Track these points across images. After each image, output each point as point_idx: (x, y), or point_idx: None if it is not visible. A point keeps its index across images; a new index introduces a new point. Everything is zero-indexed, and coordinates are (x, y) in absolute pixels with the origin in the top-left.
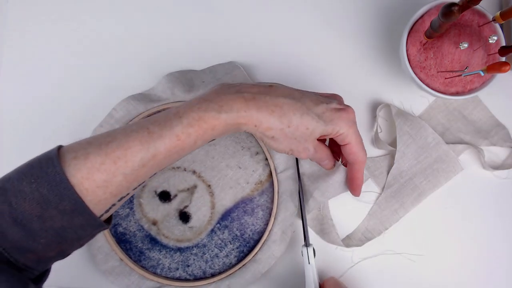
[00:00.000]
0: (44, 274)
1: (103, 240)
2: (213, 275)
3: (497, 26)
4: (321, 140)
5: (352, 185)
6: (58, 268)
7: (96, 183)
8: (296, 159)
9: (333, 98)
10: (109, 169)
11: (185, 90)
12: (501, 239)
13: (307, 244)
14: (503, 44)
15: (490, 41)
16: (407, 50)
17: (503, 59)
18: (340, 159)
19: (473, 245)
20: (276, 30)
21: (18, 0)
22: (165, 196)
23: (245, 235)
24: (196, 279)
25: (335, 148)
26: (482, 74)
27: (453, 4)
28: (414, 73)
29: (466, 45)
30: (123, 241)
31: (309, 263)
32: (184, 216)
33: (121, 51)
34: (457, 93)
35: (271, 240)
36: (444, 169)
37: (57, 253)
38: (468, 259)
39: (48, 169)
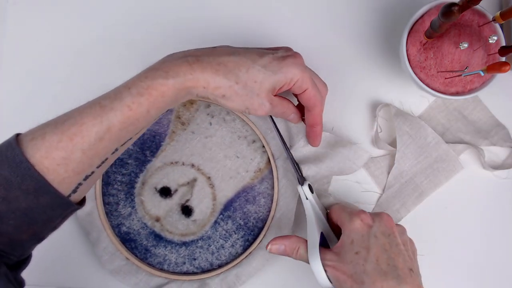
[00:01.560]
0: (23, 262)
1: (107, 241)
2: (220, 266)
3: (497, 26)
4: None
5: (312, 133)
6: (65, 269)
7: (55, 161)
8: (271, 117)
9: (280, 49)
10: (66, 146)
11: None
12: (501, 239)
13: (300, 182)
14: (503, 44)
15: (490, 41)
16: (407, 50)
17: (503, 59)
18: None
19: (473, 245)
20: (276, 30)
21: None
22: (165, 192)
23: (248, 224)
24: (204, 271)
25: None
26: (482, 74)
27: (453, 4)
28: (414, 73)
29: (466, 45)
30: (127, 240)
31: (306, 198)
32: (187, 210)
33: (120, 51)
34: (457, 93)
35: (275, 226)
36: (444, 168)
37: (30, 235)
38: (468, 259)
39: (7, 152)
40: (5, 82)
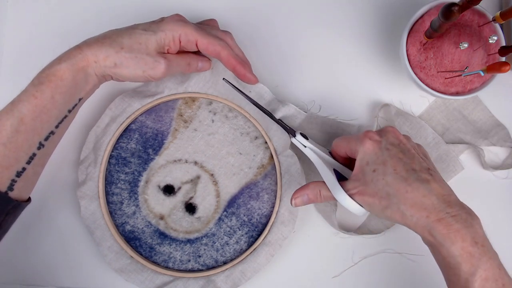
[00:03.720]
0: None
1: (112, 240)
2: (225, 263)
3: (497, 26)
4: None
5: (238, 75)
6: (69, 269)
7: None
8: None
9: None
10: None
11: (178, 82)
12: (501, 239)
13: (292, 134)
14: (503, 44)
15: (490, 41)
16: (407, 50)
17: (503, 59)
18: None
19: None
20: (275, 31)
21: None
22: (169, 190)
23: (253, 220)
24: (209, 268)
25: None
26: (482, 74)
27: (453, 4)
28: (414, 73)
29: (466, 45)
30: (132, 239)
31: (305, 147)
32: (190, 208)
33: None
34: (457, 93)
35: (279, 221)
36: (444, 169)
37: None
38: None
39: None
40: (5, 82)
